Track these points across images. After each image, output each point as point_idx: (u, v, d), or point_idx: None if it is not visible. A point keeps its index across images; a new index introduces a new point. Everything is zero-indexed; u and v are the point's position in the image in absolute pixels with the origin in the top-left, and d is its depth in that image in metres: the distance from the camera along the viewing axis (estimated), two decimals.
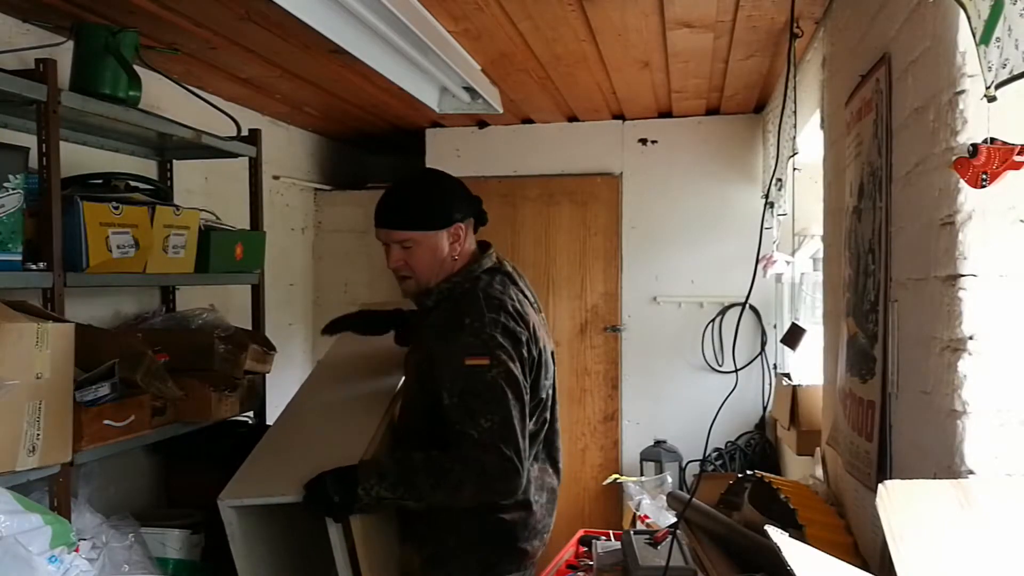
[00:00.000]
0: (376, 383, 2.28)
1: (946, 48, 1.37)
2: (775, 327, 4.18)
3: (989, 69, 1.10)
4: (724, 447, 4.19)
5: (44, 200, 2.18)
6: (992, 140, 1.13)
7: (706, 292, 4.37)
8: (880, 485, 1.24)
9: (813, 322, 3.22)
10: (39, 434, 1.96)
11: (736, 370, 4.11)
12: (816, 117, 2.76)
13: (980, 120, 1.25)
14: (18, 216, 2.08)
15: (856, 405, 1.92)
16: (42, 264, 2.17)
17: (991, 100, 1.10)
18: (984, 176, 1.13)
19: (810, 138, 2.92)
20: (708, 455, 4.11)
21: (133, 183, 2.69)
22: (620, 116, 4.45)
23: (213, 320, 2.99)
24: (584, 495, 4.46)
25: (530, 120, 4.52)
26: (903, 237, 1.63)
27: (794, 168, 3.10)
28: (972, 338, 1.31)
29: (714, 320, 4.36)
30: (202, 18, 2.61)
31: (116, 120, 2.48)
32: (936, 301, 1.40)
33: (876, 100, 1.80)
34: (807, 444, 2.77)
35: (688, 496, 2.18)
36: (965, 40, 1.30)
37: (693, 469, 4.16)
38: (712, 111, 4.34)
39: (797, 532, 1.83)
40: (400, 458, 1.87)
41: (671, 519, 3.08)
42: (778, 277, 3.92)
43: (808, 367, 3.16)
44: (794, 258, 3.55)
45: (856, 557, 1.83)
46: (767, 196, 3.15)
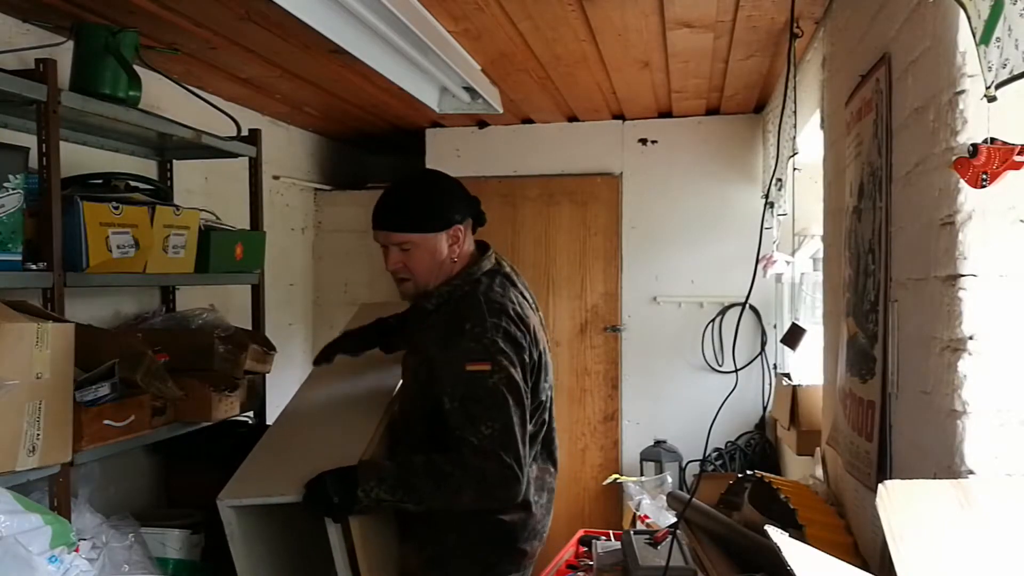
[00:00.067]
0: (375, 383, 2.28)
1: (946, 48, 1.37)
2: (775, 327, 4.18)
3: (989, 69, 1.10)
4: (724, 447, 4.19)
5: (44, 200, 2.18)
6: (992, 140, 1.13)
7: (706, 292, 4.37)
8: (880, 485, 1.24)
9: (813, 322, 3.22)
10: (39, 434, 1.96)
11: (736, 370, 4.11)
12: (816, 117, 2.75)
13: (980, 120, 1.25)
14: (18, 216, 2.08)
15: (856, 405, 1.92)
16: (42, 264, 2.17)
17: (991, 100, 1.10)
18: (984, 176, 1.13)
19: (810, 138, 2.91)
20: (708, 455, 4.11)
21: (133, 183, 2.69)
22: (620, 116, 4.45)
23: (213, 320, 2.99)
24: (584, 495, 4.45)
25: (530, 120, 4.52)
26: (903, 237, 1.63)
27: (794, 168, 3.10)
28: (972, 338, 1.31)
29: (714, 320, 4.36)
30: (202, 18, 2.61)
31: (116, 120, 2.48)
32: (936, 301, 1.40)
33: (876, 100, 1.80)
34: (807, 444, 2.77)
35: (688, 496, 2.18)
36: (965, 40, 1.29)
37: (693, 469, 4.15)
38: (712, 111, 4.34)
39: (797, 532, 1.83)
40: (400, 461, 1.87)
41: (671, 519, 3.07)
42: (778, 277, 3.91)
43: (808, 367, 3.16)
44: (794, 258, 3.55)
45: (856, 557, 1.83)
46: (767, 196, 3.15)
